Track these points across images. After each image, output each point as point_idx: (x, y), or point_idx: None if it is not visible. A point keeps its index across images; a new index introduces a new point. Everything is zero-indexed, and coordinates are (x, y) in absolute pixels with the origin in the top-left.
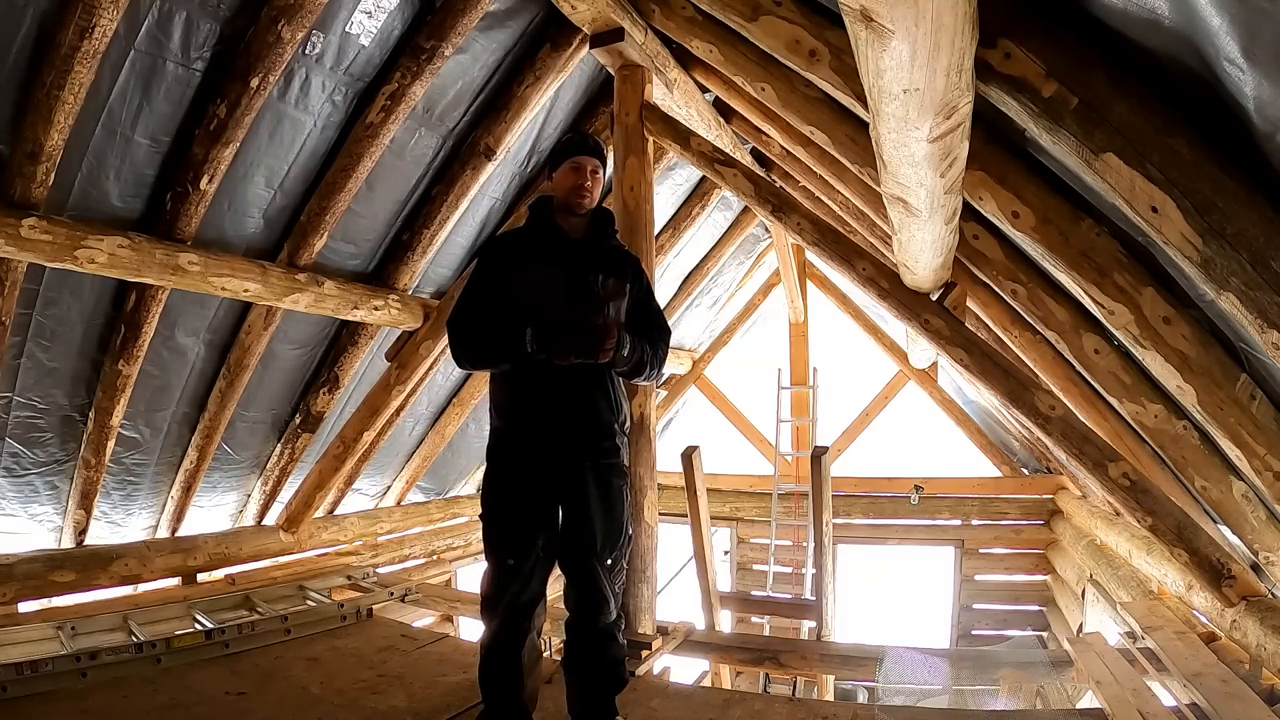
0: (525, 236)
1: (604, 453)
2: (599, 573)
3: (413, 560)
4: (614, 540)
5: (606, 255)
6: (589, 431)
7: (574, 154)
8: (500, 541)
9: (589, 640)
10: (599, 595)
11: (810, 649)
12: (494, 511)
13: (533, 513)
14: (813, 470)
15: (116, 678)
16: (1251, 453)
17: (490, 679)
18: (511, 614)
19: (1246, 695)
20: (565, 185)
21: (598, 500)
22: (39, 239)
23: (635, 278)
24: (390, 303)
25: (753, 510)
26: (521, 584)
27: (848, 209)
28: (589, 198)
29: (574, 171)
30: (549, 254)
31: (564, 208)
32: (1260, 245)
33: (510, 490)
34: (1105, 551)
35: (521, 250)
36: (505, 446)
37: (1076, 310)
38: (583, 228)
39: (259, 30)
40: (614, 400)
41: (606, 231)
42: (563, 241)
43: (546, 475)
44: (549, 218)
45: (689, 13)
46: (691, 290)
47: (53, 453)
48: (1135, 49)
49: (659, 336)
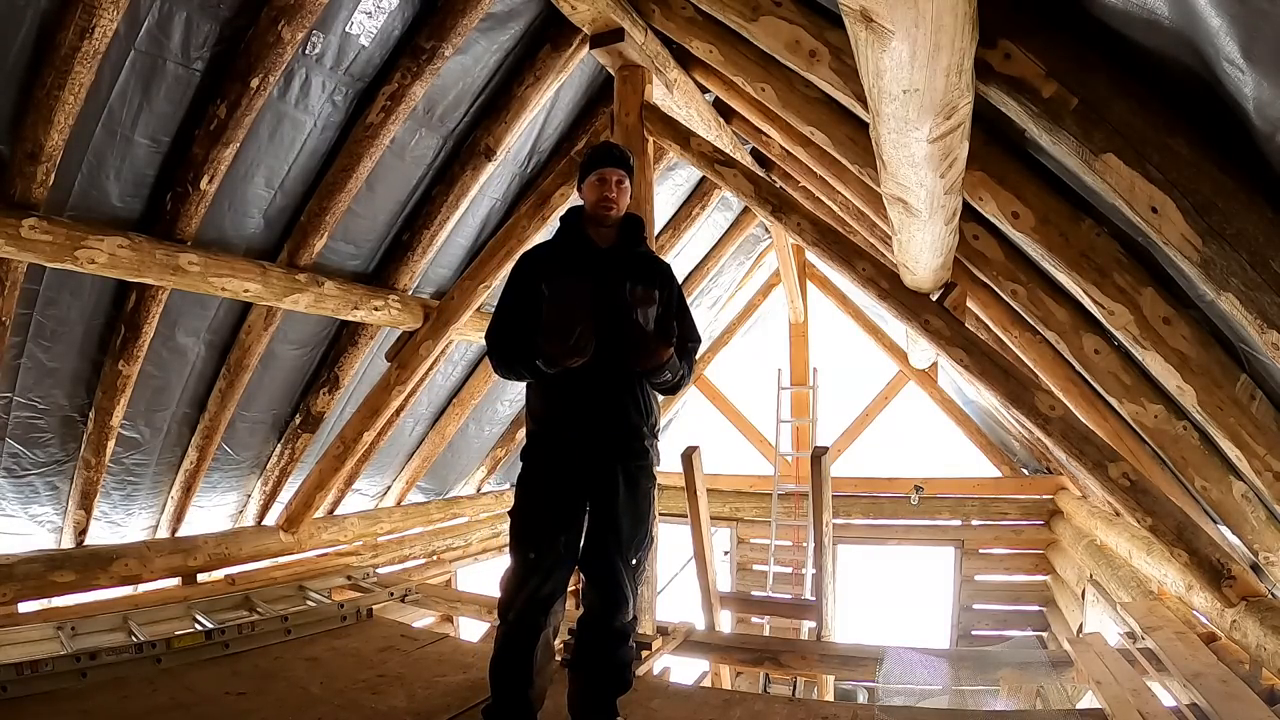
0: (556, 247)
1: (634, 454)
2: (623, 571)
3: (413, 560)
4: (639, 541)
5: (636, 263)
6: (620, 434)
7: (598, 166)
8: (524, 536)
9: (602, 638)
10: (620, 594)
11: (810, 649)
12: (522, 508)
13: (559, 511)
14: (813, 470)
15: (116, 678)
16: (1251, 453)
17: (501, 673)
18: (530, 607)
19: (1246, 695)
20: (592, 197)
21: (626, 501)
22: (39, 239)
23: (665, 284)
24: (390, 303)
25: (753, 510)
26: (541, 578)
27: (848, 209)
28: (615, 208)
29: (599, 183)
30: (579, 263)
31: (592, 218)
32: (1260, 245)
33: (540, 489)
34: (1105, 552)
35: (552, 261)
36: (538, 448)
37: (1076, 310)
38: (612, 236)
39: (259, 30)
40: (644, 404)
41: (636, 239)
42: (592, 251)
43: (577, 476)
44: (579, 228)
45: (689, 13)
46: (691, 290)
47: (53, 453)
48: (1135, 49)
49: (691, 347)
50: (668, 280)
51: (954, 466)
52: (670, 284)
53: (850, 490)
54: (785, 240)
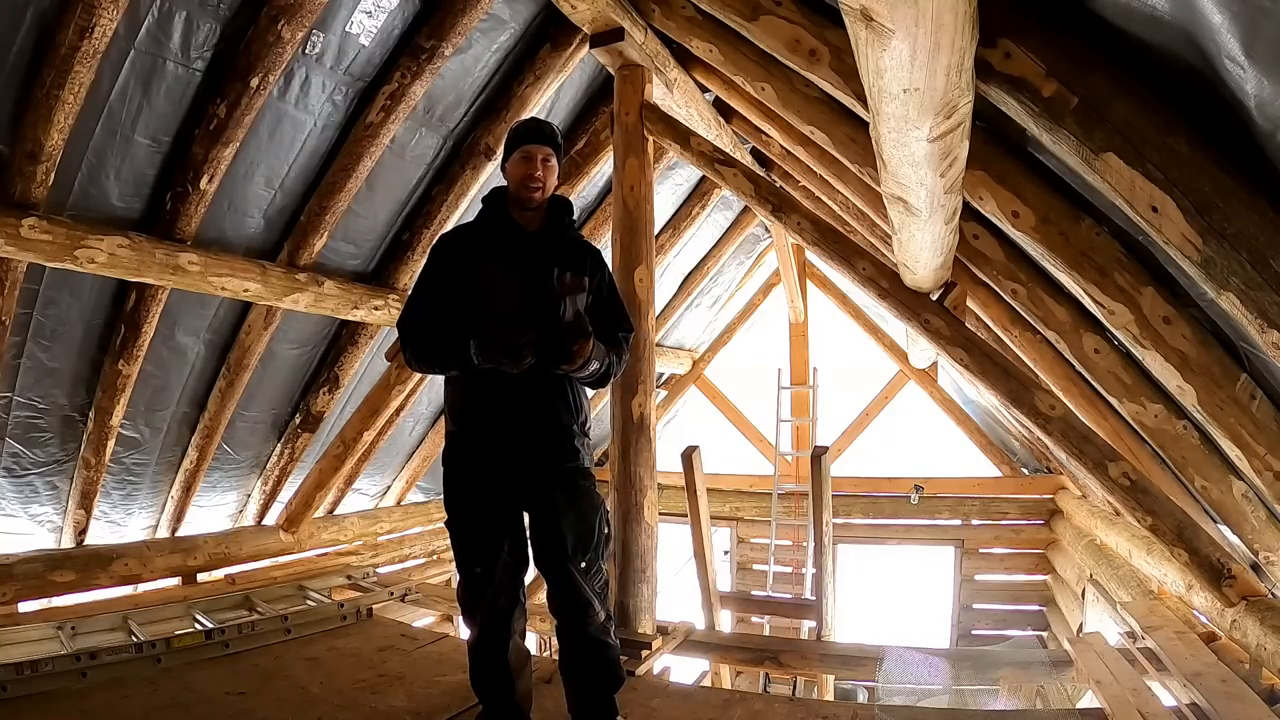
0: (479, 230)
1: (566, 456)
2: (576, 577)
3: (413, 560)
4: (587, 542)
5: (565, 248)
6: (549, 436)
7: (524, 142)
8: (466, 550)
9: (581, 645)
10: (580, 599)
11: (810, 649)
12: (456, 520)
13: (495, 520)
14: (813, 470)
15: (116, 678)
16: (1251, 453)
17: (481, 683)
18: (489, 620)
19: (1246, 695)
20: (516, 176)
21: (565, 505)
22: (39, 239)
23: (595, 270)
24: (390, 303)
25: (753, 510)
26: (494, 591)
27: (848, 209)
28: (542, 189)
29: (524, 161)
30: (504, 248)
31: (516, 200)
32: (1260, 245)
33: (471, 498)
34: (1105, 551)
35: (476, 245)
36: (461, 452)
37: (1076, 310)
38: (538, 220)
39: (259, 30)
40: (573, 401)
41: (564, 222)
42: (518, 235)
43: (507, 482)
44: (503, 210)
45: (689, 12)
46: (691, 290)
47: (53, 453)
48: (1135, 47)
49: (622, 336)
50: (599, 265)
51: (954, 466)
52: (601, 269)
53: (850, 490)
54: (785, 240)
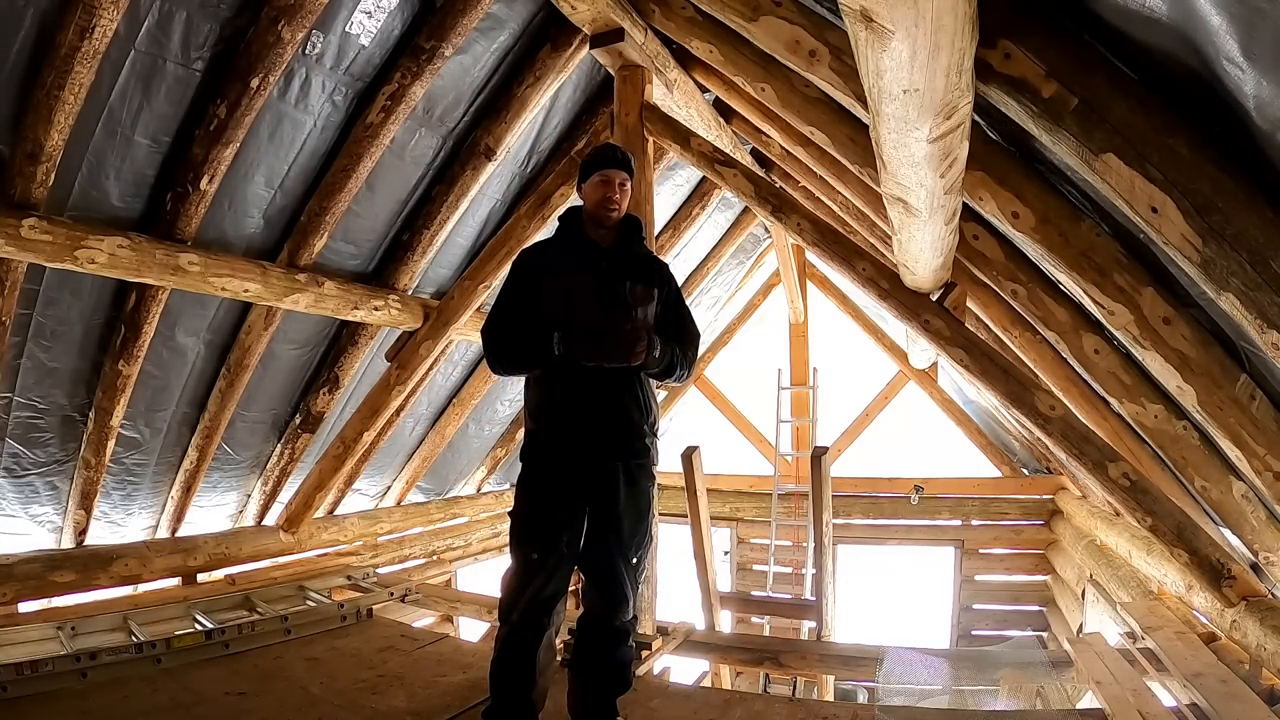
0: (555, 246)
1: (634, 453)
2: (623, 570)
3: (413, 560)
4: (639, 540)
5: (635, 262)
6: (620, 433)
7: (602, 167)
8: (526, 537)
9: (602, 637)
10: (620, 593)
11: (810, 649)
12: (524, 508)
13: (561, 511)
14: (813, 470)
15: (116, 678)
16: (1251, 453)
17: (503, 674)
18: (533, 608)
19: (1246, 695)
20: (594, 197)
21: (627, 500)
22: (39, 239)
23: (663, 283)
24: (390, 303)
25: (753, 510)
26: (545, 578)
27: (848, 209)
28: (618, 210)
29: (603, 184)
30: (579, 262)
31: (593, 219)
32: (1260, 245)
33: (541, 489)
34: (1105, 552)
35: (552, 259)
36: (539, 448)
37: (1076, 310)
38: (611, 237)
39: (259, 30)
40: (644, 402)
41: (635, 239)
42: (592, 250)
43: (578, 476)
44: (579, 228)
45: (689, 13)
46: (692, 290)
47: (53, 453)
48: (1135, 49)
49: (688, 340)
50: (667, 279)
51: (954, 466)
52: (669, 283)
53: (850, 490)
54: (785, 240)
